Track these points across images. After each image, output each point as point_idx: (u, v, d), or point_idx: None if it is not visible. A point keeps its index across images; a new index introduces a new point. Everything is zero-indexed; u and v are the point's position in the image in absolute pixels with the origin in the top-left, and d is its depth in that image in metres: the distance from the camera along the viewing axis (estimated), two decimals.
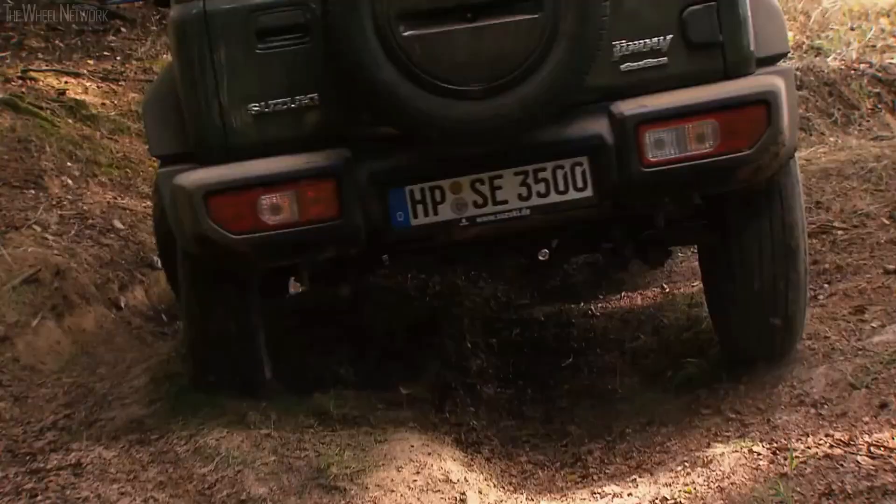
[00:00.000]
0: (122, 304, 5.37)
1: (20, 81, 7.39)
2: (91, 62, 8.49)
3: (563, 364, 4.27)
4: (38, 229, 5.48)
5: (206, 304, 4.37)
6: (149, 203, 6.10)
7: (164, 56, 9.05)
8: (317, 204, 4.16)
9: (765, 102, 4.04)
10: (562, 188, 4.16)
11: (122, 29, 10.09)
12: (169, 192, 4.16)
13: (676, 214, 4.34)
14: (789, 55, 4.43)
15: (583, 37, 4.01)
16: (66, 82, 7.65)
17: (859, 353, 3.46)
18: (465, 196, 4.19)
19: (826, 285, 4.03)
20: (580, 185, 4.13)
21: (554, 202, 4.15)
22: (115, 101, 7.62)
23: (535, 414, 3.97)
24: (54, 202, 5.88)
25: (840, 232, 4.48)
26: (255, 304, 4.37)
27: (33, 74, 7.62)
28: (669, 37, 4.15)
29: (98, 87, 7.74)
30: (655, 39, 4.16)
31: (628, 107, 4.08)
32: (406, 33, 3.99)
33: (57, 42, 9.25)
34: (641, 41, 4.15)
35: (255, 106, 4.22)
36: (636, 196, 4.17)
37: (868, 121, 7.93)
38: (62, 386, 4.45)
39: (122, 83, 7.94)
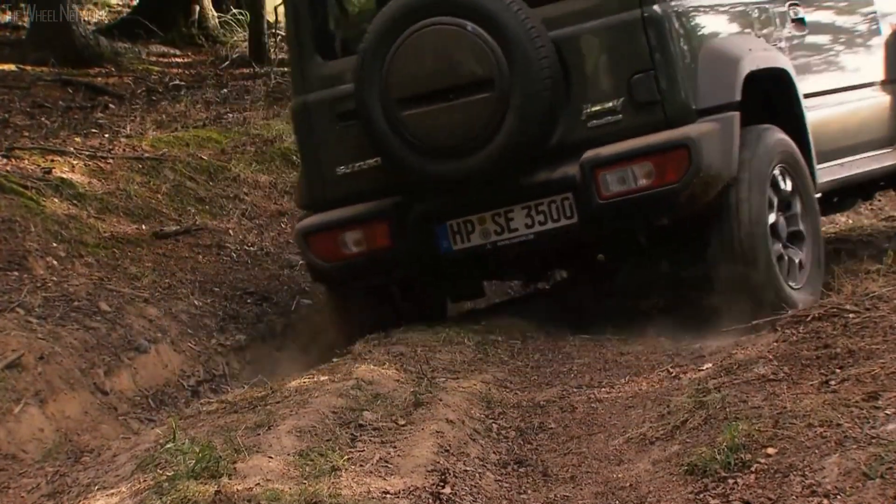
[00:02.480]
0: (108, 390, 5.30)
1: (5, 160, 7.34)
2: (78, 140, 8.45)
3: (565, 451, 4.18)
4: (22, 312, 5.43)
5: (334, 306, 6.36)
6: (136, 284, 6.26)
7: (153, 133, 9.03)
8: (377, 238, 5.89)
9: (685, 146, 5.43)
10: (556, 217, 5.68)
11: (110, 105, 10.08)
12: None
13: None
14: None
15: (528, 109, 5.53)
16: (52, 160, 7.61)
17: (873, 441, 3.35)
18: (488, 226, 5.80)
19: (838, 370, 3.94)
20: (568, 214, 5.65)
21: (550, 228, 5.70)
22: (103, 180, 7.58)
23: None
24: (38, 284, 5.83)
25: (852, 315, 4.41)
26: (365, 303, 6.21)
27: (18, 152, 7.57)
28: (622, 99, 5.61)
29: (85, 165, 7.69)
30: (611, 102, 5.63)
31: (589, 154, 5.55)
32: (404, 113, 5.65)
33: (43, 119, 9.23)
34: (601, 104, 5.64)
35: (342, 168, 6.03)
36: (601, 221, 5.64)
37: (880, 200, 8.05)
38: (45, 475, 4.36)
39: (110, 161, 7.90)
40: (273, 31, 13.41)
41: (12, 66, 10.82)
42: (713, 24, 5.96)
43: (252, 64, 12.43)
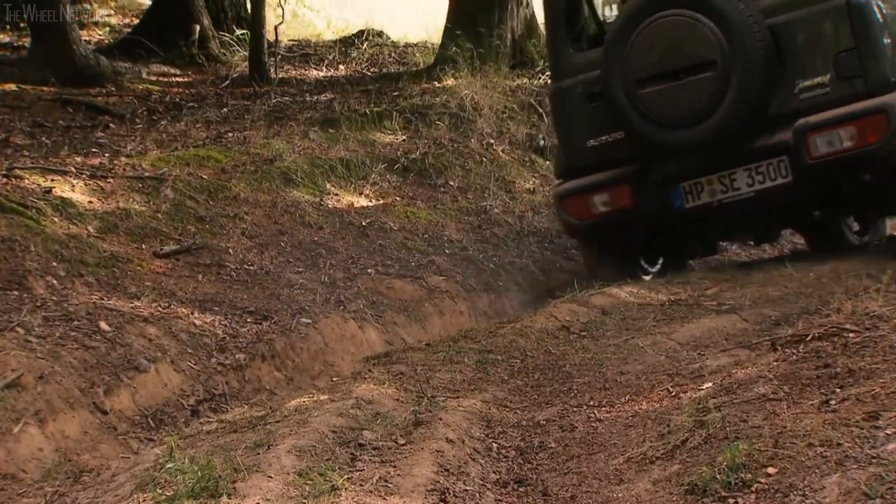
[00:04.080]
0: (108, 409, 5.28)
1: (5, 179, 7.33)
2: (78, 159, 8.45)
3: (565, 470, 4.16)
4: (22, 331, 5.42)
5: (587, 259, 7.94)
6: (136, 303, 6.25)
7: (154, 152, 9.02)
8: (620, 199, 7.20)
9: (884, 112, 6.49)
10: (773, 177, 6.79)
11: (111, 125, 10.08)
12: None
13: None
14: None
15: (746, 86, 6.69)
16: (52, 180, 7.60)
17: (873, 460, 3.34)
18: (715, 187, 6.99)
19: (838, 390, 3.93)
20: (784, 174, 6.77)
21: (768, 187, 6.84)
22: (103, 199, 7.57)
23: None
24: (38, 303, 5.81)
25: (852, 334, 4.40)
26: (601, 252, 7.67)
27: (18, 172, 7.56)
28: (829, 74, 6.74)
29: (85, 184, 7.68)
30: (820, 77, 6.76)
31: (801, 122, 6.68)
32: (642, 91, 6.95)
33: (43, 139, 9.23)
34: (811, 79, 6.78)
35: (591, 141, 7.37)
36: (812, 178, 6.71)
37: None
38: (44, 495, 4.34)
39: (111, 180, 7.89)
40: (273, 50, 13.42)
41: (13, 86, 10.83)
42: None
43: (252, 83, 12.45)
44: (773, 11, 6.92)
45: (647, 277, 7.70)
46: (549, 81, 7.86)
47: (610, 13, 8.49)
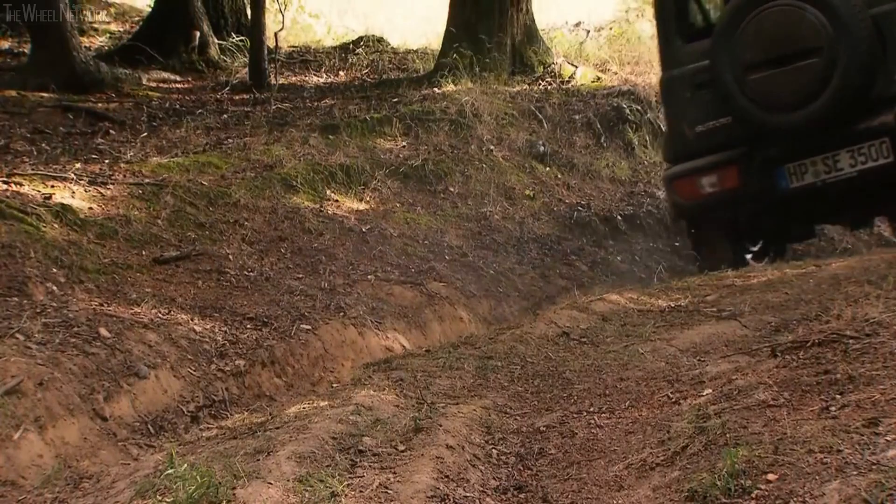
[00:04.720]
0: (108, 415, 5.27)
1: (5, 185, 7.33)
2: (78, 165, 8.44)
3: (565, 477, 4.16)
4: (22, 338, 5.40)
5: (696, 235, 8.32)
6: (136, 310, 6.23)
7: (154, 158, 9.02)
8: (728, 180, 7.68)
9: None
10: (875, 157, 7.25)
11: (111, 131, 10.07)
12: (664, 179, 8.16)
13: None
14: None
15: (850, 71, 7.13)
16: (52, 186, 7.60)
17: (873, 467, 3.33)
18: (819, 167, 7.44)
19: (838, 396, 3.92)
20: (885, 154, 7.22)
21: (870, 167, 7.27)
22: (103, 205, 7.56)
23: None
24: (38, 310, 5.80)
25: (852, 341, 4.40)
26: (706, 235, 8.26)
27: (19, 178, 7.56)
28: None
29: (85, 190, 7.68)
30: None
31: None
32: (750, 77, 7.41)
33: (43, 145, 9.22)
34: None
35: (699, 127, 7.84)
36: None
37: (879, 225, 8.17)
38: (44, 502, 4.32)
39: (111, 186, 7.88)
40: (273, 56, 13.43)
41: (13, 92, 10.83)
42: None
43: (252, 89, 12.46)
44: (876, 2, 7.36)
45: (749, 257, 8.26)
46: (660, 72, 8.40)
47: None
